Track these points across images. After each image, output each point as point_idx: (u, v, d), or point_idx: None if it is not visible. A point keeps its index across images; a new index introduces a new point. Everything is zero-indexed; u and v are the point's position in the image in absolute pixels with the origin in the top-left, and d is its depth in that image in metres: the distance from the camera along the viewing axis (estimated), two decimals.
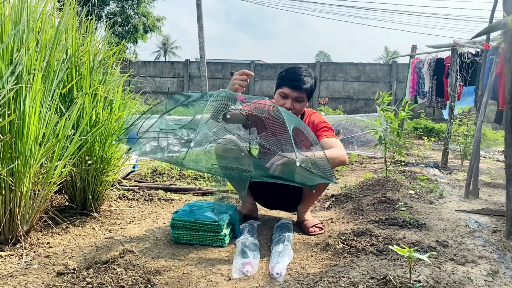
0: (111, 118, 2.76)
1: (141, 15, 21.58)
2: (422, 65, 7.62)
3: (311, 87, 2.59)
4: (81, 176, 2.67)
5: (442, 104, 7.19)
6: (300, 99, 2.56)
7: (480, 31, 2.54)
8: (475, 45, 5.42)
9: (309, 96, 2.61)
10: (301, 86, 2.54)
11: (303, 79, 2.55)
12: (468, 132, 5.75)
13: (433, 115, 9.78)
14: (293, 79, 2.55)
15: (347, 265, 1.91)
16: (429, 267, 1.85)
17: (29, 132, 2.05)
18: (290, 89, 2.54)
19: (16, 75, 2.00)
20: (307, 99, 2.61)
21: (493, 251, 2.14)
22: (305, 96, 2.57)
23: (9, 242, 2.11)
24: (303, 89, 2.54)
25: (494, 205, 3.25)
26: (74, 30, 2.63)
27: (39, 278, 1.79)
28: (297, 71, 2.59)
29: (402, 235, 2.29)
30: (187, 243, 2.28)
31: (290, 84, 2.54)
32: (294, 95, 2.54)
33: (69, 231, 2.44)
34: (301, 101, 2.57)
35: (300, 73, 2.58)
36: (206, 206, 2.45)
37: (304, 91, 2.55)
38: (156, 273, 1.85)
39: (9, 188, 2.04)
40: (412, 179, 4.15)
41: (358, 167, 5.60)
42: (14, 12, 2.08)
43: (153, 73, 18.82)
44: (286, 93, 2.55)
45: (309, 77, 2.59)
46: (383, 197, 3.13)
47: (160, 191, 3.57)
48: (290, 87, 2.54)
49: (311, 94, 2.62)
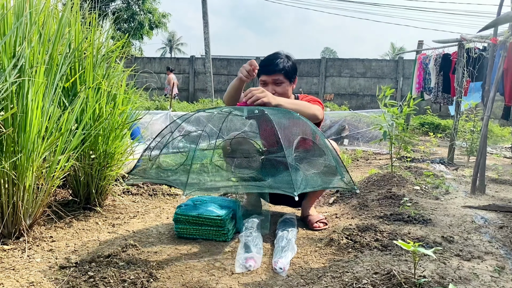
0: (114, 112, 2.75)
1: (147, 12, 21.58)
2: (429, 60, 7.55)
3: (287, 68, 2.61)
4: (84, 170, 2.67)
5: (449, 100, 7.12)
6: (278, 82, 2.59)
7: (487, 24, 2.50)
8: (483, 39, 5.36)
9: (288, 77, 2.62)
10: (274, 69, 2.58)
11: (275, 62, 2.60)
12: (474, 128, 5.70)
13: (439, 111, 9.69)
14: (266, 65, 2.61)
15: (351, 260, 1.89)
16: (434, 263, 1.82)
17: (32, 126, 2.05)
18: (266, 75, 2.60)
19: (19, 68, 1.99)
20: (289, 81, 2.63)
21: (500, 247, 2.11)
22: (283, 78, 2.60)
23: (12, 236, 2.11)
24: (277, 70, 2.58)
25: (501, 201, 3.21)
26: (78, 24, 2.61)
27: (41, 271, 1.79)
28: (269, 57, 2.66)
29: (407, 231, 2.27)
30: (190, 238, 2.27)
31: (265, 71, 2.60)
32: (272, 79, 2.59)
33: (72, 225, 2.44)
34: (281, 83, 2.60)
35: (273, 57, 2.64)
36: (210, 200, 2.44)
37: (278, 72, 2.58)
38: (159, 268, 1.84)
39: (12, 182, 2.04)
40: (417, 175, 4.12)
41: (363, 163, 5.56)
42: (17, 4, 2.07)
43: (159, 69, 18.82)
44: (263, 80, 2.61)
45: (282, 59, 2.62)
46: (388, 193, 3.11)
47: (164, 186, 3.57)
48: (265, 73, 2.60)
49: (289, 75, 2.63)
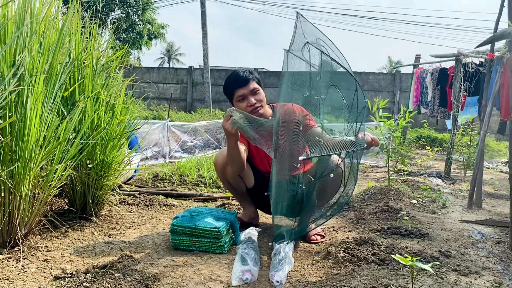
0: (113, 122, 2.75)
1: (146, 22, 21.69)
2: (426, 74, 7.61)
3: (256, 75, 2.58)
4: (81, 179, 2.65)
5: (445, 114, 7.16)
6: (256, 90, 2.53)
7: (484, 40, 2.53)
8: (479, 55, 5.41)
9: (260, 84, 2.59)
10: (247, 78, 2.52)
11: (243, 75, 2.54)
12: (471, 142, 5.72)
13: (436, 125, 9.74)
14: (237, 80, 2.53)
15: (348, 274, 1.89)
16: (431, 277, 1.82)
17: (30, 135, 2.04)
18: (241, 88, 2.51)
19: (18, 77, 1.99)
20: (262, 88, 2.60)
21: (497, 262, 2.11)
22: (257, 85, 2.56)
23: (7, 245, 2.09)
24: (250, 79, 2.53)
25: (498, 216, 3.22)
26: (78, 34, 2.62)
27: (36, 282, 1.77)
28: (233, 74, 2.59)
29: (405, 245, 2.26)
30: (187, 249, 2.25)
31: (238, 84, 2.52)
32: (249, 90, 2.51)
33: (68, 235, 2.42)
34: (258, 91, 2.55)
35: (236, 73, 2.57)
36: (207, 212, 2.43)
37: (252, 80, 2.53)
38: (155, 279, 1.82)
39: (9, 191, 2.03)
40: (414, 188, 4.12)
41: (360, 176, 5.57)
42: (17, 14, 2.08)
43: (157, 79, 18.84)
44: (241, 94, 2.52)
45: (245, 71, 2.58)
46: (386, 206, 3.10)
47: (160, 196, 3.55)
48: (240, 86, 2.51)
49: (260, 82, 2.60)
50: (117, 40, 20.19)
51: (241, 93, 2.51)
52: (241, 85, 2.51)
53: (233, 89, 2.53)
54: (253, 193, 2.72)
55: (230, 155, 2.45)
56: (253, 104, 2.49)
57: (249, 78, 2.52)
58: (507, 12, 2.42)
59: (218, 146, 7.43)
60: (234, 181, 2.67)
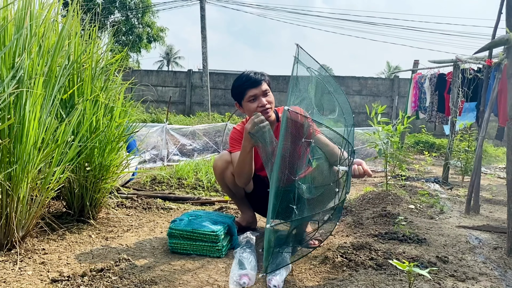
0: (111, 125, 2.75)
1: (145, 25, 21.71)
2: (424, 80, 7.63)
3: (267, 77, 2.58)
4: (79, 182, 2.65)
5: (443, 119, 7.18)
6: (267, 92, 2.53)
7: (482, 47, 2.54)
8: (477, 61, 5.44)
9: (270, 86, 2.59)
10: (260, 79, 2.52)
11: (255, 76, 2.54)
12: (469, 147, 5.74)
13: (434, 130, 9.76)
14: (249, 80, 2.52)
15: (345, 279, 1.88)
16: (429, 283, 1.82)
17: (28, 137, 2.04)
18: (254, 88, 2.49)
19: (17, 79, 1.99)
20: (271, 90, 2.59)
21: (494, 268, 2.11)
22: (268, 87, 2.55)
23: (4, 248, 2.08)
24: (262, 80, 2.52)
25: (495, 222, 3.22)
26: (77, 36, 2.63)
27: (33, 284, 1.77)
28: (246, 74, 2.57)
29: (402, 250, 2.26)
30: (184, 253, 2.25)
31: (251, 84, 2.50)
32: (261, 91, 2.50)
33: (65, 237, 2.42)
34: (269, 93, 2.55)
35: (247, 74, 2.56)
36: (205, 216, 2.43)
37: (263, 81, 2.53)
38: (152, 283, 1.82)
39: (6, 193, 2.03)
40: (412, 193, 4.12)
41: (358, 181, 5.56)
42: (17, 16, 2.08)
43: (156, 82, 18.85)
44: (253, 94, 2.50)
45: (255, 72, 2.57)
46: (383, 211, 3.11)
47: (158, 199, 3.55)
48: (252, 86, 2.50)
49: (270, 85, 2.60)
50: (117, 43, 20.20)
51: (253, 93, 2.49)
52: (254, 85, 2.49)
53: (245, 88, 2.51)
54: (252, 197, 2.72)
55: (243, 161, 2.42)
56: (264, 105, 2.49)
57: (262, 79, 2.52)
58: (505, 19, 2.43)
59: (216, 150, 7.43)
60: (234, 185, 2.67)
